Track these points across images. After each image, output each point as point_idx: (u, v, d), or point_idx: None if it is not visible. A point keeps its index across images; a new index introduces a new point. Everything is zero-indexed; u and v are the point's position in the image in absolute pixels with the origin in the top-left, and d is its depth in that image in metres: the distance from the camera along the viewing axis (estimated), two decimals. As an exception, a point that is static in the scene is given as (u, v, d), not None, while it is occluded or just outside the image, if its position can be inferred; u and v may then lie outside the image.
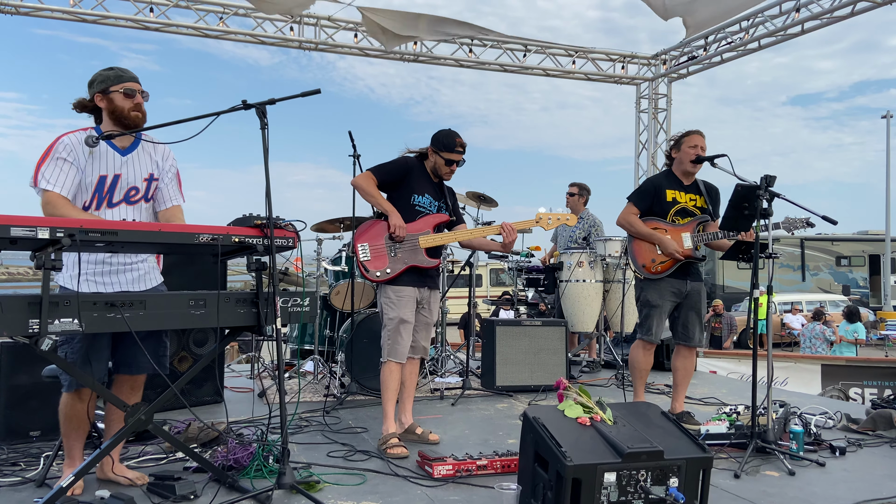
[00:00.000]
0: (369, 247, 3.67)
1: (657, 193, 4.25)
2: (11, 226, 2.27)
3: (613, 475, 2.54)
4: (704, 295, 4.33)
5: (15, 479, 3.09)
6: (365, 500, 2.89)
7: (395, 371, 3.72)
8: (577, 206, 6.87)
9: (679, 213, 4.24)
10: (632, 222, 4.27)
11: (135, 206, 2.99)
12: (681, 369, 4.31)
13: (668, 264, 4.18)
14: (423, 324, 3.86)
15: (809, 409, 4.57)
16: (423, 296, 3.81)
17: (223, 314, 2.72)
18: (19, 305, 2.31)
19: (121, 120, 2.93)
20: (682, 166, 4.26)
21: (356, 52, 8.05)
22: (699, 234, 4.18)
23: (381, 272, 3.66)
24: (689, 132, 4.27)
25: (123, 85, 2.93)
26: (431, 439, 3.82)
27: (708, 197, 4.30)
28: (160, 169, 3.07)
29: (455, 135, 3.81)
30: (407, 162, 3.82)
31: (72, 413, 2.89)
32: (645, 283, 4.26)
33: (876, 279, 23.22)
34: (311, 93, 2.95)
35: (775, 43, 7.71)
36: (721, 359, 9.25)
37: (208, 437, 3.43)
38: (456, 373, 6.02)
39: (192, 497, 2.80)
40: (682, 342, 4.29)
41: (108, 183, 2.91)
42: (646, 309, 4.25)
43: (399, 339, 3.67)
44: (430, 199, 3.83)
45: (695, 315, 4.26)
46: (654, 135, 9.16)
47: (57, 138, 2.87)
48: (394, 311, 3.68)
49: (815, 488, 3.10)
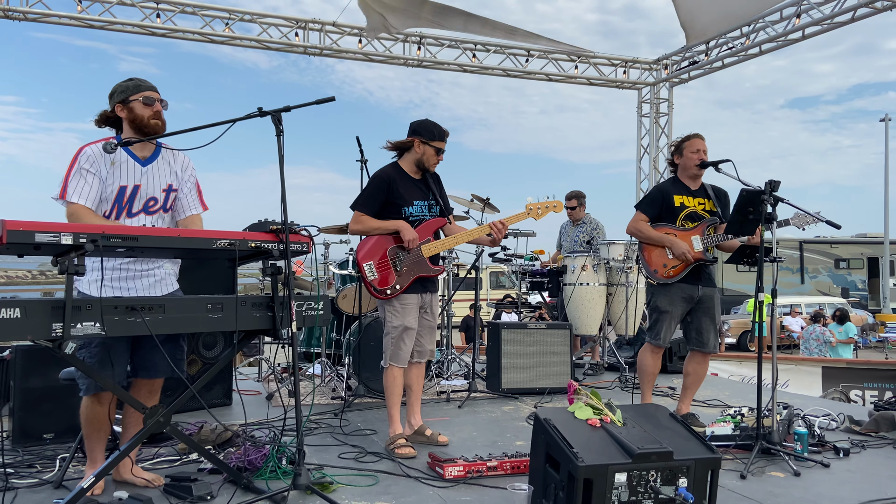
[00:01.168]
0: (374, 265, 3.68)
1: (665, 200, 4.29)
2: (36, 231, 2.32)
3: (624, 475, 2.59)
4: (718, 300, 4.35)
5: (32, 481, 3.13)
6: (378, 500, 2.94)
7: (399, 376, 3.77)
8: (579, 215, 6.97)
9: (688, 218, 4.28)
10: (641, 229, 4.32)
11: (153, 216, 3.04)
12: (692, 374, 4.34)
13: (680, 269, 4.21)
14: (428, 328, 3.89)
15: (812, 410, 4.62)
16: (424, 301, 3.84)
17: (240, 318, 2.78)
18: (42, 309, 2.36)
19: (141, 128, 2.98)
20: (687, 171, 4.31)
21: (360, 57, 8.11)
22: (708, 236, 4.21)
23: (390, 289, 3.68)
24: (689, 136, 4.31)
25: (142, 94, 2.98)
26: (441, 441, 3.87)
27: (717, 200, 4.34)
28: (179, 179, 3.12)
29: (438, 124, 3.82)
30: (382, 177, 3.77)
31: (92, 416, 2.93)
32: (657, 289, 4.30)
33: (875, 282, 23.31)
34: (325, 100, 3.01)
35: (776, 48, 7.78)
36: (722, 361, 9.29)
37: (223, 439, 3.48)
38: (461, 375, 6.07)
39: (209, 498, 2.85)
40: (697, 348, 4.31)
41: (128, 193, 2.96)
42: (655, 314, 4.30)
43: (402, 346, 3.72)
44: (420, 205, 3.81)
45: (709, 321, 4.28)
46: (655, 139, 9.23)
47: (79, 150, 2.91)
48: (398, 319, 3.71)
49: (821, 489, 3.15)
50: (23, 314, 2.31)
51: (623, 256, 6.35)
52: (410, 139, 3.80)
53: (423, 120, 3.83)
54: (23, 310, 2.32)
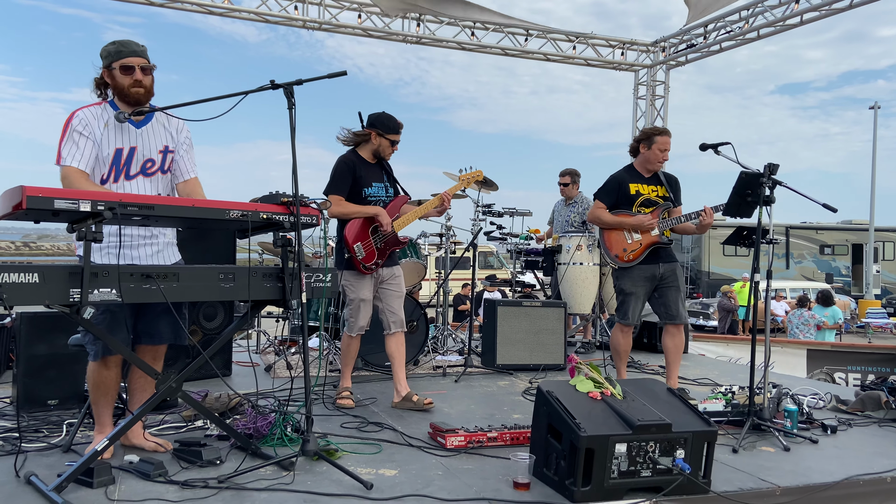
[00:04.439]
0: (362, 245, 4.09)
1: (621, 188, 4.51)
2: (55, 198, 2.35)
3: (624, 446, 2.69)
4: (681, 274, 4.58)
5: (41, 445, 3.19)
6: (383, 467, 3.02)
7: (353, 343, 4.24)
8: (572, 193, 7.02)
9: (644, 204, 4.50)
10: (599, 216, 4.55)
11: (152, 177, 3.03)
12: (671, 347, 4.54)
13: (639, 252, 4.44)
14: (396, 296, 4.23)
15: (800, 390, 4.75)
16: (383, 275, 4.20)
17: (252, 288, 2.82)
18: (60, 275, 2.40)
19: (123, 97, 2.95)
20: (648, 164, 4.52)
21: (360, 32, 8.08)
22: (663, 220, 4.43)
23: (373, 264, 4.12)
24: (662, 132, 4.52)
25: (121, 61, 2.92)
26: (426, 404, 4.06)
27: (668, 186, 4.56)
28: (175, 141, 3.11)
29: (394, 117, 4.17)
30: (346, 162, 4.12)
31: (99, 380, 2.98)
32: (619, 272, 4.55)
33: (858, 268, 23.63)
34: (337, 74, 3.04)
35: (774, 33, 7.84)
36: (709, 342, 9.45)
37: (228, 407, 3.54)
38: (455, 351, 6.15)
39: (218, 462, 2.91)
40: (668, 321, 4.53)
41: (125, 156, 2.95)
42: (621, 296, 4.54)
43: (359, 316, 4.13)
44: (378, 186, 4.19)
45: (674, 292, 4.48)
46: (651, 121, 9.29)
47: (72, 114, 2.90)
48: (353, 292, 4.13)
49: (810, 463, 3.27)
50: (41, 279, 2.35)
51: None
52: (367, 131, 4.16)
53: (380, 113, 4.16)
54: (41, 275, 2.36)
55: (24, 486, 2.65)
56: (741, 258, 20.75)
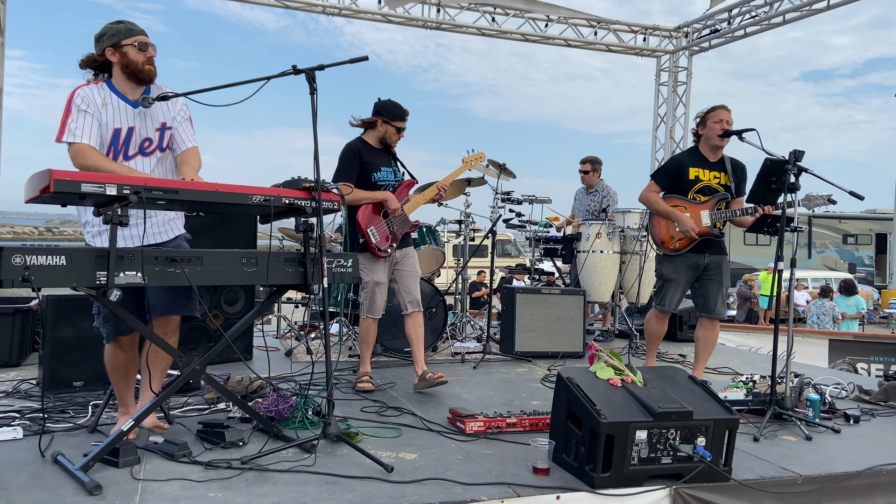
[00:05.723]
0: (376, 229, 4.16)
1: (679, 172, 4.34)
2: (82, 182, 2.38)
3: (645, 433, 2.68)
4: (727, 268, 4.43)
5: (67, 426, 3.24)
6: (403, 451, 3.04)
7: (372, 325, 4.27)
8: (593, 181, 6.98)
9: (700, 191, 4.32)
10: (651, 200, 4.40)
11: (150, 157, 3.00)
12: (702, 339, 4.44)
13: (685, 242, 4.30)
14: (412, 276, 4.30)
15: (822, 380, 4.70)
16: (396, 257, 4.27)
17: (273, 272, 2.85)
18: (87, 258, 2.44)
19: (135, 74, 2.92)
20: (708, 142, 4.32)
21: (379, 18, 8.06)
22: (718, 211, 4.27)
23: (388, 247, 4.20)
24: (715, 107, 4.31)
25: (136, 38, 2.91)
26: (437, 378, 4.07)
27: (733, 175, 4.36)
28: (172, 117, 3.06)
29: (399, 104, 4.22)
30: (352, 150, 4.18)
31: (115, 362, 3.00)
32: (662, 258, 4.44)
33: (882, 258, 23.26)
34: (359, 59, 3.04)
35: (800, 18, 7.70)
36: (729, 331, 9.38)
37: (250, 390, 3.58)
38: (474, 338, 6.17)
39: (241, 444, 2.95)
40: (703, 314, 4.42)
41: (123, 136, 2.92)
42: (661, 281, 4.45)
43: (376, 299, 4.20)
44: (386, 171, 4.25)
45: (715, 286, 4.36)
46: (672, 108, 9.19)
47: (73, 91, 2.87)
48: (368, 275, 4.18)
49: (832, 452, 3.25)
50: (68, 262, 2.39)
51: (638, 225, 6.39)
52: (374, 118, 4.22)
53: (386, 101, 4.23)
54: (68, 258, 2.39)
55: (50, 465, 2.70)
56: (762, 247, 20.52)
